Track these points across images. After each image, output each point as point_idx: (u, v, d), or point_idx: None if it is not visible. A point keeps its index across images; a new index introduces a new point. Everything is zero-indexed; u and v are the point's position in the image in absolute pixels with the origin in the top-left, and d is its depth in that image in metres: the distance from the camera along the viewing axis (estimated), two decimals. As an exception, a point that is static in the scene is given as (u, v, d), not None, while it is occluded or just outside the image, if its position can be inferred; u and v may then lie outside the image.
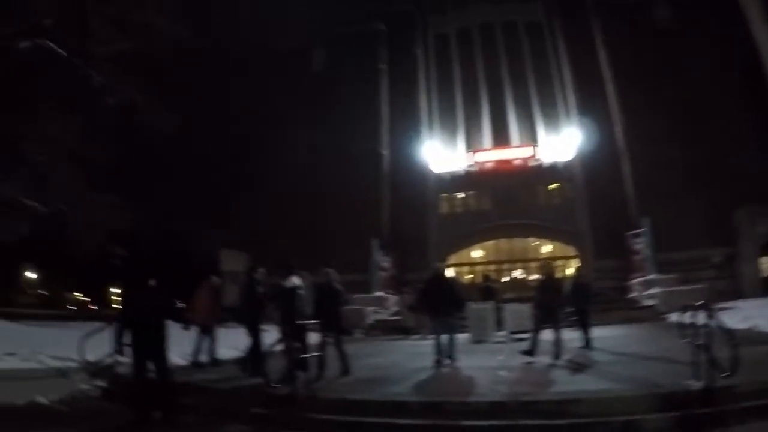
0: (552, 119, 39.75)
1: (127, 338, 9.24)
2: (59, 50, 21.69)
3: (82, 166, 23.28)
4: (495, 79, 41.53)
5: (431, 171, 39.12)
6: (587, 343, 14.34)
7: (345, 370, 11.19)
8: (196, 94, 34.28)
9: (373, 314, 29.95)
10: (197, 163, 36.33)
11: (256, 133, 38.23)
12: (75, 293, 67.29)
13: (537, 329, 12.69)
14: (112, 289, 68.15)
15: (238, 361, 12.34)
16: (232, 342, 13.42)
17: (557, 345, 12.36)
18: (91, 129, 23.76)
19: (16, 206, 22.04)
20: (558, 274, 14.99)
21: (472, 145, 40.51)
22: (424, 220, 38.34)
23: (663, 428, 7.05)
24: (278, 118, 38.20)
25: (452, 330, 13.67)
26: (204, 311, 13.64)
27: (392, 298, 32.93)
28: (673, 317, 19.19)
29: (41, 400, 10.50)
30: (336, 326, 11.60)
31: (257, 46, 39.49)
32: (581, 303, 14.65)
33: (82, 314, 39.74)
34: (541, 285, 13.40)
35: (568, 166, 37.75)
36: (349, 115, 37.76)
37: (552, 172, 38.23)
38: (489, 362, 12.59)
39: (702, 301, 8.65)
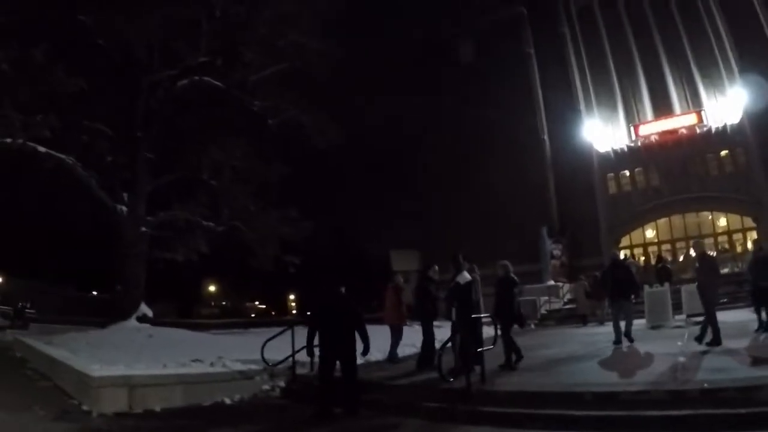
0: (714, 81, 37.29)
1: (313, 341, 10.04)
2: (216, 83, 23.50)
3: (254, 186, 24.96)
4: (648, 46, 39.62)
5: (594, 150, 38.16)
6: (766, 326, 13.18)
7: (507, 363, 11.30)
8: (354, 103, 35.46)
9: (546, 304, 29.66)
10: (364, 169, 37.53)
11: (417, 133, 38.91)
12: (254, 302, 71.24)
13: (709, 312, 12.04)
14: (289, 296, 71.74)
15: (416, 358, 12.76)
16: (413, 339, 13.82)
17: (704, 327, 11.84)
18: (259, 150, 25.36)
19: (195, 227, 24.01)
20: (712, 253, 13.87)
21: (633, 119, 39.00)
22: (593, 203, 37.44)
23: None
24: (435, 115, 38.65)
25: (629, 315, 13.56)
26: (392, 310, 14.24)
27: (565, 287, 32.45)
28: None
29: (226, 400, 11.39)
30: (512, 317, 11.73)
31: (405, 44, 40.24)
32: (761, 279, 13.29)
33: (262, 321, 42.08)
34: (698, 265, 12.83)
35: (737, 128, 35.35)
36: (504, 103, 37.40)
37: (721, 137, 35.97)
38: (667, 348, 12.17)
39: None
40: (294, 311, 67.70)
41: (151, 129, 22.94)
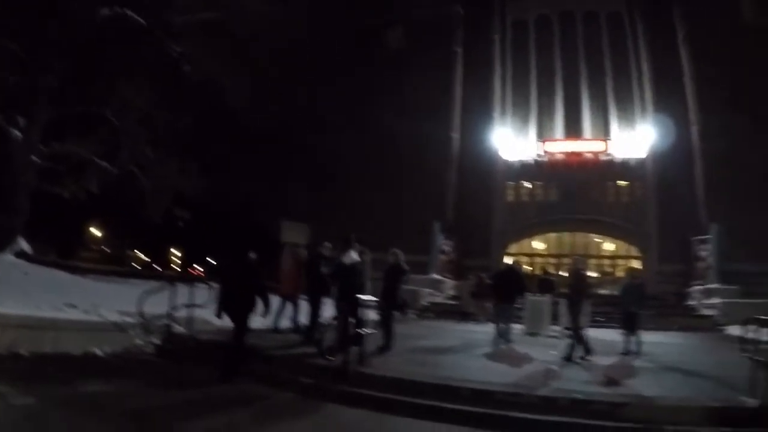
0: (627, 114, 38.69)
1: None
2: (139, 19, 22.39)
3: (158, 133, 24.04)
4: (571, 70, 40.61)
5: (500, 158, 38.66)
6: (634, 348, 13.86)
7: (386, 347, 11.44)
8: (274, 68, 34.73)
9: (429, 296, 30.04)
10: (271, 138, 36.75)
11: (331, 109, 38.46)
12: (137, 252, 69.00)
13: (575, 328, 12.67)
14: (173, 251, 69.88)
15: (300, 330, 12.67)
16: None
17: (573, 343, 12.39)
18: (170, 98, 24.44)
19: (89, 165, 22.89)
20: (586, 272, 14.48)
21: (543, 135, 39.83)
22: (489, 207, 38.08)
23: (713, 442, 7.03)
24: (351, 95, 38.27)
25: (510, 318, 13.96)
26: (289, 282, 14.01)
27: (449, 282, 32.96)
28: (732, 330, 18.94)
29: (97, 351, 10.98)
30: (395, 304, 11.83)
31: (335, 22, 39.75)
32: (630, 305, 14.29)
33: (144, 273, 40.82)
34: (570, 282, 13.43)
35: (640, 164, 36.82)
36: (421, 96, 37.43)
37: (623, 168, 37.32)
38: (542, 355, 12.61)
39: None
40: (178, 268, 66.15)
41: (62, 55, 21.31)
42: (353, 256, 11.37)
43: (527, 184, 39.04)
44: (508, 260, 34.68)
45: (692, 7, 35.56)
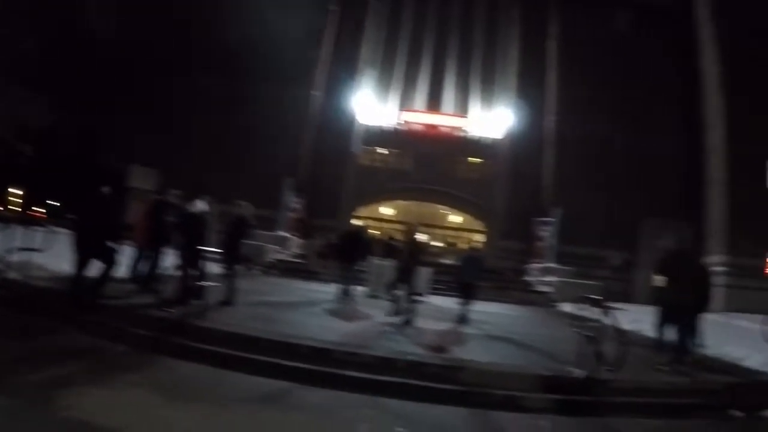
0: (488, 95, 39.77)
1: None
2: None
3: (9, 58, 22.17)
4: (442, 44, 41.18)
5: (359, 121, 38.72)
6: (462, 318, 14.07)
7: (227, 302, 11.10)
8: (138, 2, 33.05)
9: (275, 253, 29.65)
10: (126, 72, 34.78)
11: (190, 47, 36.79)
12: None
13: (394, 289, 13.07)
14: (11, 190, 65.27)
15: (138, 279, 11.99)
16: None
17: (401, 304, 12.69)
18: (16, 20, 22.55)
19: None
20: (420, 240, 14.72)
21: (405, 104, 40.25)
22: (343, 169, 37.95)
23: (541, 408, 7.22)
24: (216, 37, 36.73)
25: (353, 280, 13.93)
26: (140, 229, 13.14)
27: (295, 240, 32.69)
28: (565, 307, 19.94)
29: None
30: (238, 258, 11.47)
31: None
32: (467, 276, 14.58)
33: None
34: (403, 247, 13.68)
35: (494, 144, 38.11)
36: (287, 49, 36.59)
37: (477, 146, 38.48)
38: (382, 318, 12.61)
39: (599, 296, 8.89)
40: (18, 208, 61.92)
41: None
42: (200, 205, 10.97)
43: (383, 150, 39.19)
44: (356, 223, 35.03)
45: (567, 6, 37.30)
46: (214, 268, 11.53)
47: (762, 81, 30.14)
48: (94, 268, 9.74)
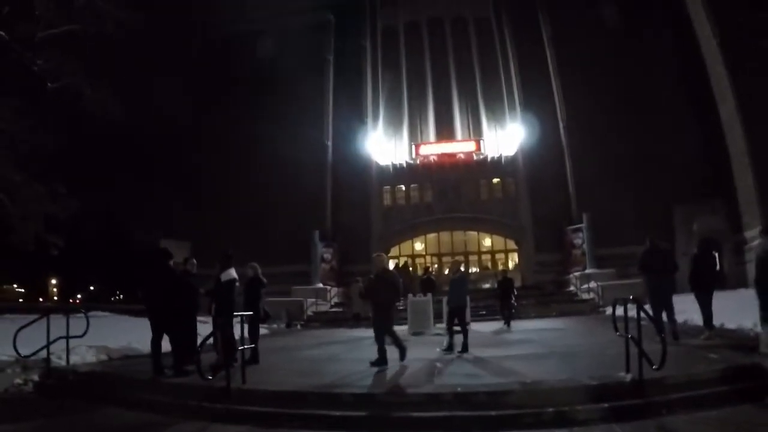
0: (497, 114, 40.00)
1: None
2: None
3: (22, 155, 22.65)
4: (441, 74, 41.60)
5: (375, 163, 39.01)
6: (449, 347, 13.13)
7: (253, 360, 11.22)
8: (143, 82, 33.70)
9: (313, 306, 29.76)
10: (142, 153, 35.54)
11: (202, 123, 37.53)
12: (12, 285, 64.98)
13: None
14: (51, 280, 66.21)
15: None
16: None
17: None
18: (32, 115, 23.08)
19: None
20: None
21: (416, 138, 40.54)
22: (367, 212, 38.19)
23: (594, 419, 7.09)
24: (223, 107, 37.53)
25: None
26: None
27: (333, 290, 32.78)
28: (610, 311, 19.65)
29: None
30: (257, 317, 11.53)
31: (205, 30, 39.01)
32: (454, 300, 13.71)
33: (19, 306, 38.26)
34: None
35: (511, 160, 38.11)
36: (293, 104, 37.11)
37: (495, 166, 38.49)
38: (426, 354, 12.54)
39: (631, 296, 8.84)
40: (55, 297, 62.74)
41: None
42: (231, 272, 11.17)
43: (403, 188, 39.36)
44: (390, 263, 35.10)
45: (556, 12, 37.91)
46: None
47: (761, 46, 29.90)
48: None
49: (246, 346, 10.15)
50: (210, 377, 9.00)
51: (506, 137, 38.71)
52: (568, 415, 7.16)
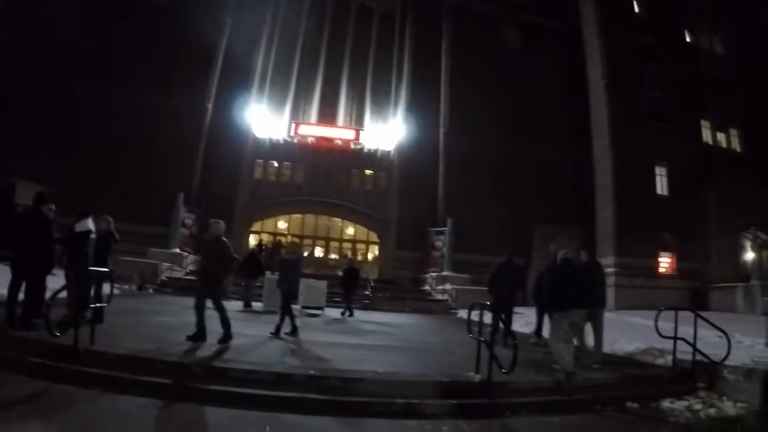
0: (381, 109, 40.22)
1: None
2: None
3: None
4: (336, 58, 41.29)
5: (252, 134, 38.20)
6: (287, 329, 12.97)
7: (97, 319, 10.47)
8: (24, 11, 31.63)
9: (168, 271, 28.87)
10: (14, 84, 32.98)
11: (81, 63, 35.18)
12: None
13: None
14: None
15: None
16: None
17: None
18: None
19: None
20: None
21: (298, 117, 40.04)
22: (236, 183, 37.20)
23: (442, 413, 7.30)
24: (107, 45, 35.30)
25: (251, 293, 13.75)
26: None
27: (190, 257, 31.95)
28: (462, 313, 20.28)
29: None
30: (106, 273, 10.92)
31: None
32: (286, 282, 13.63)
33: None
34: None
35: (387, 156, 38.60)
36: (182, 60, 35.57)
37: (370, 158, 38.82)
38: (263, 331, 12.71)
39: (489, 302, 9.16)
40: None
41: None
42: (87, 223, 10.59)
43: (275, 164, 38.85)
44: (252, 239, 34.65)
45: (459, 24, 39.08)
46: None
47: (641, 95, 32.26)
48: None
49: (99, 305, 9.71)
50: (58, 334, 8.53)
51: (386, 133, 39.07)
52: (417, 407, 7.34)
